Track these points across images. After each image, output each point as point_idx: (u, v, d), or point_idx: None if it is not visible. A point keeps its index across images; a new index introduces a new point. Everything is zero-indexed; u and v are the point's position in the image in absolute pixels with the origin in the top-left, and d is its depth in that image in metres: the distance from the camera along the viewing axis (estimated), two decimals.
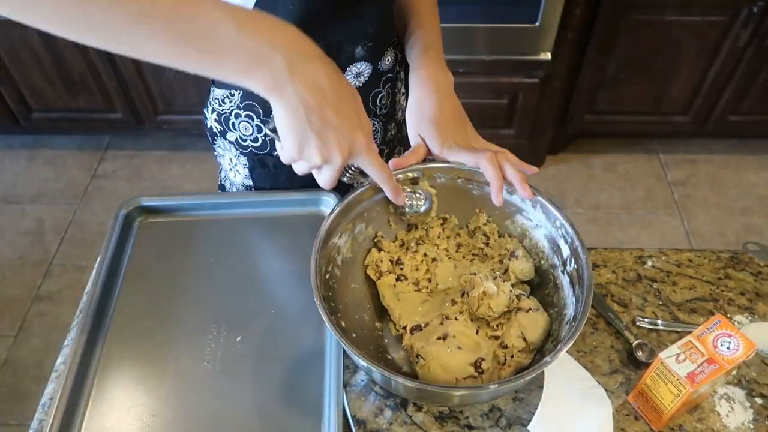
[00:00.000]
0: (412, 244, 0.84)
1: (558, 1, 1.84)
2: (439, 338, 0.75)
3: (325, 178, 0.67)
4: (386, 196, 0.79)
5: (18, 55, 2.11)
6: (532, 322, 0.76)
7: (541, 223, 0.80)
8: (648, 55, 2.06)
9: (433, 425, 0.76)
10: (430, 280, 0.83)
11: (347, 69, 0.87)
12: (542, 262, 0.82)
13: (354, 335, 0.75)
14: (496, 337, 0.77)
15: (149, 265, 0.89)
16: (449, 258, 0.84)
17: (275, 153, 0.92)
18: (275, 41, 0.56)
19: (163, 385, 0.76)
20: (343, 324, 0.74)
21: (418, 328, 0.78)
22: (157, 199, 0.94)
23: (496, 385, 0.63)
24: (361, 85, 0.89)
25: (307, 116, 0.59)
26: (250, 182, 0.99)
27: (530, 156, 2.38)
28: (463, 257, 0.85)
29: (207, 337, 0.81)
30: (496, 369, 0.75)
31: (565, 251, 0.77)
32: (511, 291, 0.78)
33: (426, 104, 0.84)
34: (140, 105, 2.27)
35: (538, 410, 0.75)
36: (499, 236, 0.86)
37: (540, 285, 0.83)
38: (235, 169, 0.98)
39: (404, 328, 0.79)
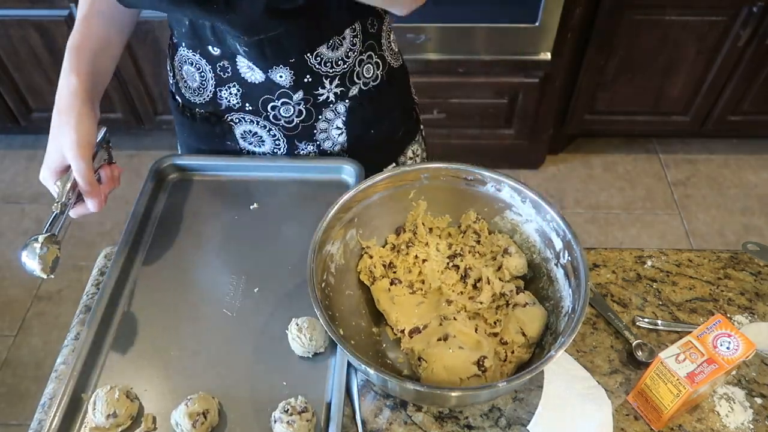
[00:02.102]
0: (403, 247, 0.84)
1: (558, 1, 1.84)
2: (439, 339, 0.75)
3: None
4: (379, 200, 0.81)
5: (18, 55, 2.11)
6: (530, 317, 0.77)
7: (531, 218, 0.81)
8: (648, 55, 2.06)
9: (433, 425, 0.76)
10: (423, 282, 0.83)
11: (237, 57, 0.87)
12: (534, 256, 0.82)
13: (353, 342, 0.75)
14: (495, 334, 0.77)
15: (178, 217, 0.95)
16: (438, 255, 0.84)
17: (176, 97, 1.01)
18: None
19: (181, 326, 0.82)
20: (342, 332, 0.73)
21: (417, 330, 0.78)
22: (189, 158, 1.01)
23: (505, 383, 0.64)
24: (256, 82, 0.90)
25: None
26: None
27: (530, 156, 2.38)
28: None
29: (227, 286, 0.86)
30: (497, 366, 0.75)
31: (558, 244, 0.77)
32: (502, 285, 0.79)
33: None
34: (140, 105, 2.27)
35: (537, 410, 0.75)
36: (489, 233, 0.86)
37: (533, 279, 0.83)
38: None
39: (402, 331, 0.79)
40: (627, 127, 2.37)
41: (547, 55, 1.99)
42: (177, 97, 1.01)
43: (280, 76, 0.89)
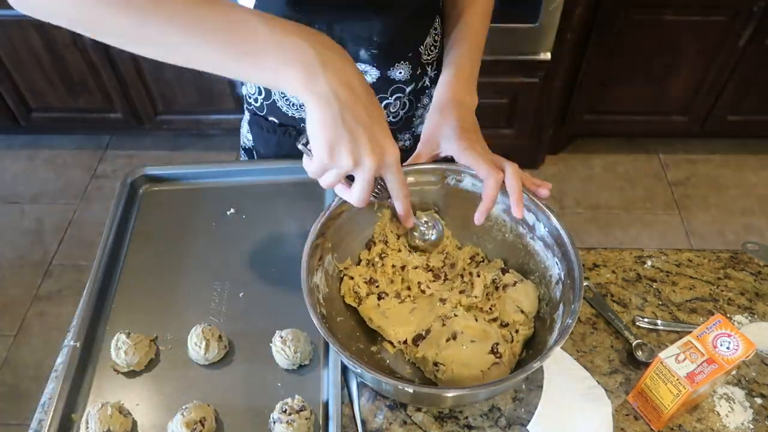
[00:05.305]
0: (377, 260, 0.83)
1: (558, 1, 1.84)
2: (448, 339, 0.75)
3: (356, 190, 0.63)
4: (347, 219, 0.79)
5: (18, 55, 2.11)
6: (522, 293, 0.78)
7: (497, 200, 0.81)
8: (648, 55, 2.06)
9: (433, 425, 0.76)
10: (409, 288, 0.82)
11: None
12: (507, 235, 0.83)
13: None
14: (495, 319, 0.78)
15: (154, 228, 0.94)
16: (415, 258, 0.84)
17: (270, 118, 0.96)
18: (305, 39, 0.57)
19: (169, 336, 0.80)
20: None
21: (420, 337, 0.77)
22: (161, 168, 0.98)
23: (523, 376, 0.64)
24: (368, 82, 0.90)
25: (340, 111, 0.57)
26: (250, 137, 1.03)
27: (530, 156, 2.38)
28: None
29: (211, 293, 0.85)
30: (508, 348, 0.75)
31: (530, 218, 0.79)
32: (493, 276, 0.80)
33: (447, 115, 0.82)
34: (140, 105, 2.27)
35: (537, 410, 0.75)
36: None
37: (511, 256, 0.84)
38: (244, 121, 1.04)
39: (404, 342, 0.78)
40: (627, 127, 2.37)
41: (547, 55, 1.99)
42: (272, 118, 0.96)
43: (400, 72, 0.90)
